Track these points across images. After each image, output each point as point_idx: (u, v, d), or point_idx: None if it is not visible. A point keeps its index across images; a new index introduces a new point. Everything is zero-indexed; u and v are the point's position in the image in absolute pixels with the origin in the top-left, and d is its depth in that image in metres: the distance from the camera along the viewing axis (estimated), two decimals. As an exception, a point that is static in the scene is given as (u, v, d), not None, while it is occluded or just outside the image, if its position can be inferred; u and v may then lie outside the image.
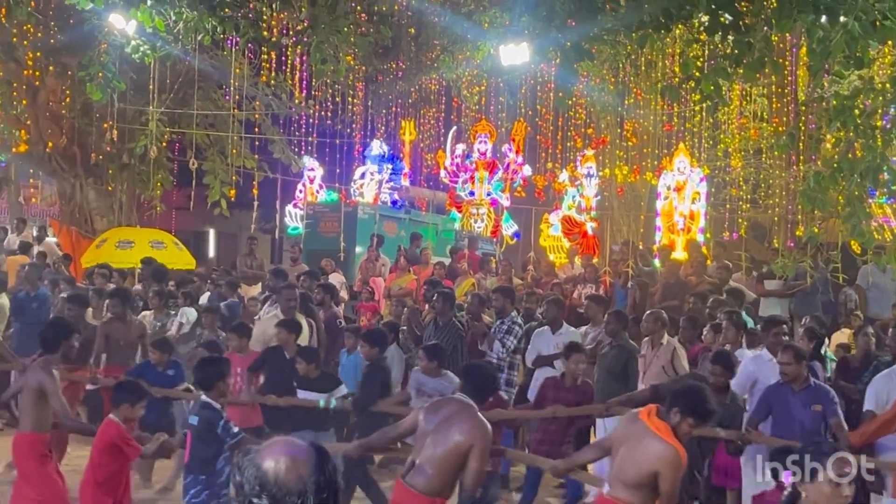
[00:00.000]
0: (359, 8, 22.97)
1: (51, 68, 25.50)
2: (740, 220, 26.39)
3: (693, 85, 13.67)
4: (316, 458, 3.46)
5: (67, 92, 25.88)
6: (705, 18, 13.94)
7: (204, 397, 9.43)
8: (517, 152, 28.82)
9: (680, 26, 16.29)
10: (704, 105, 18.74)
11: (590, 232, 26.59)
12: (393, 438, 9.36)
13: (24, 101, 26.26)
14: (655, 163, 27.84)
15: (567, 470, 9.18)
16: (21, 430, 9.89)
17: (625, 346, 13.61)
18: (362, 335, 13.30)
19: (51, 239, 27.50)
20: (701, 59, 17.18)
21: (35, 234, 26.61)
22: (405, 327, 16.39)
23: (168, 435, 10.11)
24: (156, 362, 13.09)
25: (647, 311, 14.52)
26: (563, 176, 28.45)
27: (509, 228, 28.92)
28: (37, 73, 25.55)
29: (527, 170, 28.98)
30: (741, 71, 12.98)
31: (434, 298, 15.59)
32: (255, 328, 14.63)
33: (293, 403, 12.15)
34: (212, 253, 40.67)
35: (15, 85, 25.99)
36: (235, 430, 9.31)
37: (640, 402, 9.40)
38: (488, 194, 28.83)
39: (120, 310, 14.84)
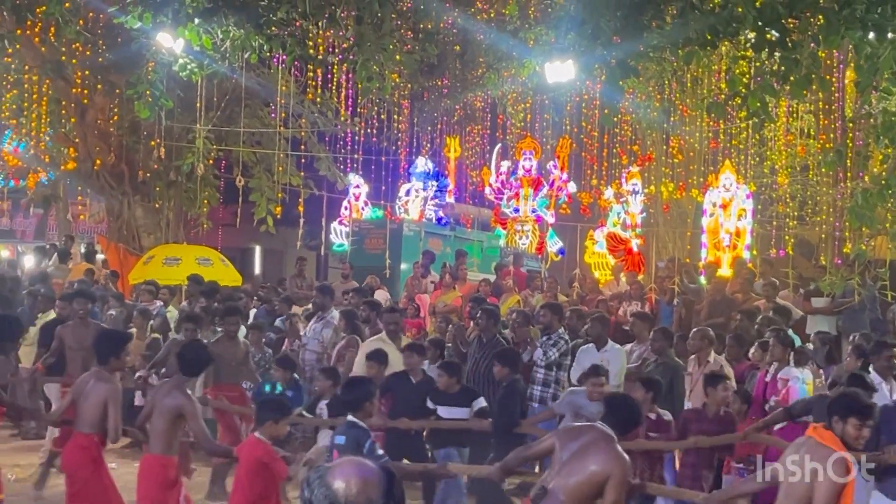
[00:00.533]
0: (404, 26, 23.08)
1: (99, 86, 25.68)
2: (787, 238, 26.26)
3: (739, 102, 13.63)
4: (386, 481, 3.47)
5: (115, 110, 26.06)
6: (752, 35, 13.91)
7: (351, 417, 9.23)
8: (562, 169, 28.79)
9: (726, 43, 16.25)
10: (751, 122, 18.68)
11: (635, 249, 26.51)
12: (526, 459, 9.30)
13: (73, 119, 26.47)
14: (701, 179, 27.73)
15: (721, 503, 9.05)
16: (151, 452, 9.78)
17: (670, 363, 13.55)
18: (496, 355, 13.16)
19: (98, 256, 27.72)
20: (747, 76, 17.11)
21: (83, 251, 26.81)
22: (450, 344, 16.38)
23: None
24: (278, 381, 13.02)
25: (694, 329, 14.47)
26: (609, 193, 28.38)
27: (554, 245, 28.87)
28: (85, 91, 25.73)
29: (572, 186, 28.94)
30: (788, 88, 12.95)
31: (478, 315, 15.59)
32: (360, 350, 14.54)
33: (430, 426, 12.08)
34: (257, 270, 40.79)
35: (64, 103, 26.20)
36: (380, 451, 9.12)
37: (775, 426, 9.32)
38: (533, 211, 28.80)
39: (234, 329, 14.68)
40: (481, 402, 12.10)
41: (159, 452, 9.68)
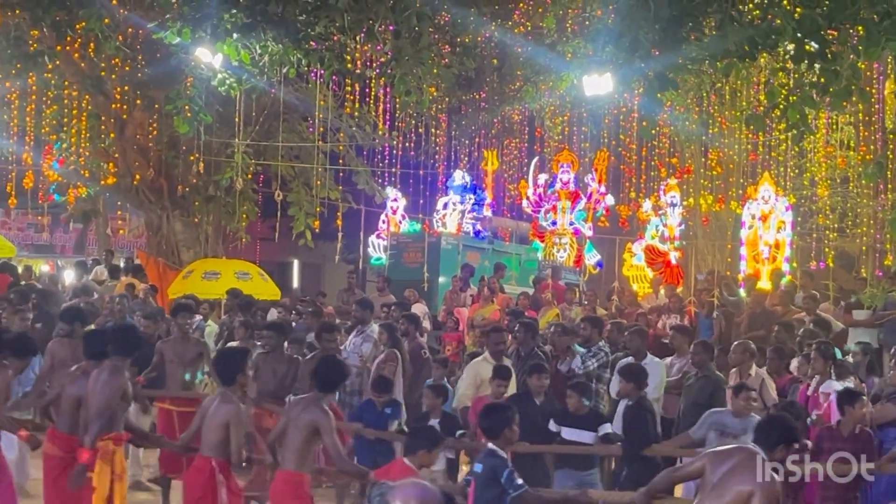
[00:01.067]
0: (442, 40, 23.10)
1: (138, 101, 25.81)
2: (827, 250, 26.08)
3: (779, 113, 13.59)
4: None
5: (154, 125, 26.17)
6: (791, 47, 13.85)
7: (491, 445, 8.90)
8: (600, 182, 28.79)
9: (765, 55, 16.20)
10: (790, 133, 18.56)
11: (673, 261, 26.43)
12: (676, 481, 9.19)
13: (112, 134, 26.62)
14: (740, 192, 27.60)
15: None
16: (284, 469, 9.63)
17: (711, 377, 13.45)
18: (619, 370, 12.72)
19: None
20: (787, 88, 17.00)
21: (122, 265, 26.95)
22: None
23: None
24: (375, 400, 12.88)
25: (735, 342, 14.37)
26: (647, 205, 28.32)
27: (592, 258, 28.85)
28: (124, 107, 25.86)
29: (609, 199, 28.92)
30: (828, 99, 12.89)
31: (517, 329, 15.55)
32: (466, 371, 14.50)
33: (551, 451, 11.76)
34: (296, 284, 40.91)
35: (103, 118, 26.35)
36: (519, 482, 8.75)
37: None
38: (571, 224, 28.79)
39: (276, 342, 14.37)
40: (607, 428, 11.69)
41: (293, 468, 9.54)
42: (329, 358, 11.66)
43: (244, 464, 10.31)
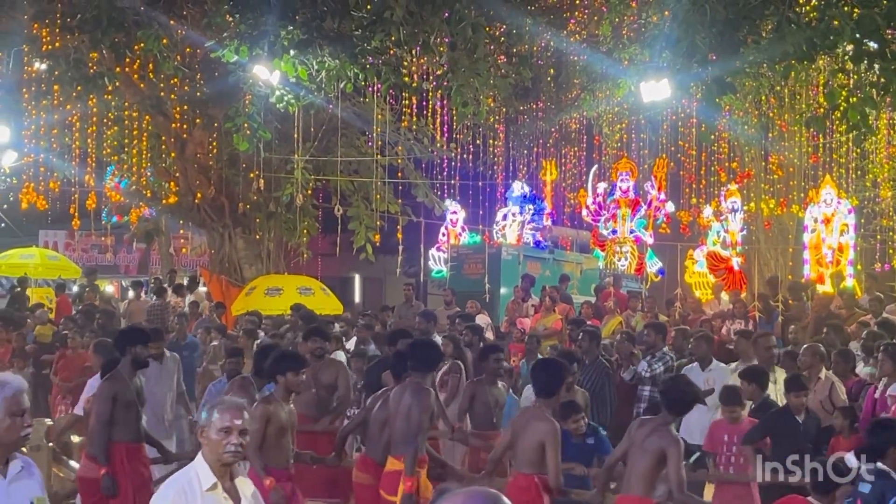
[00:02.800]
0: (498, 50, 23.09)
1: (198, 120, 25.99)
2: (891, 252, 25.83)
3: (839, 115, 13.48)
4: None
5: (214, 143, 26.34)
6: (850, 47, 13.75)
7: (880, 465, 8.40)
8: (659, 189, 28.67)
9: (824, 56, 16.09)
10: (851, 135, 18.41)
11: (736, 267, 26.26)
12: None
13: (173, 154, 26.83)
14: (802, 195, 27.40)
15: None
16: (629, 494, 9.19)
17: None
18: (742, 374, 12.53)
19: (201, 288, 28.06)
20: (846, 89, 16.87)
21: (186, 283, 27.17)
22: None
23: None
24: (572, 430, 11.82)
25: (804, 346, 14.24)
26: (708, 211, 28.16)
27: (653, 266, 28.73)
28: (184, 126, 26.04)
29: (669, 206, 28.79)
30: (888, 99, 12.77)
31: (580, 337, 15.53)
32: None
33: None
34: (357, 298, 41.04)
35: (163, 138, 26.57)
36: None
37: None
38: (631, 232, 28.69)
39: (496, 366, 13.50)
40: None
41: (641, 494, 9.05)
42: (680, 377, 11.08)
43: None
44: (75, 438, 13.59)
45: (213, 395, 12.42)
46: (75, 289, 28.88)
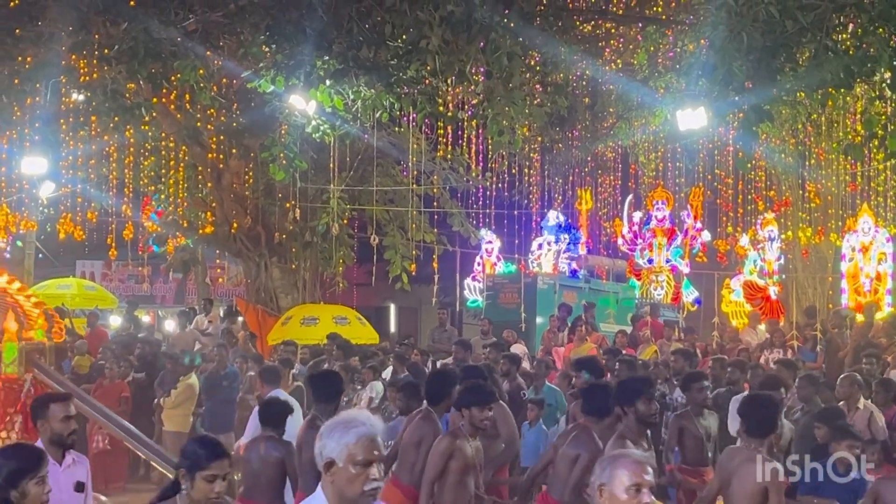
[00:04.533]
0: (534, 79, 23.08)
1: (234, 151, 26.07)
2: (930, 281, 25.60)
3: (877, 143, 13.40)
4: None
5: (250, 173, 26.42)
6: (888, 75, 13.69)
7: None
8: (695, 218, 28.57)
9: (862, 83, 16.00)
10: (889, 163, 18.33)
11: (773, 296, 26.10)
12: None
13: (210, 184, 26.92)
14: (840, 223, 27.22)
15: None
16: None
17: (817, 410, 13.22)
18: (816, 416, 11.87)
19: (240, 318, 28.12)
20: (884, 116, 16.77)
21: (222, 313, 27.22)
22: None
23: None
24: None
25: (842, 375, 14.11)
26: (745, 240, 28.04)
27: (690, 295, 28.60)
28: (221, 156, 26.12)
29: (706, 235, 28.67)
30: (928, 126, 12.68)
31: (617, 367, 15.45)
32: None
33: None
34: (393, 327, 41.00)
35: (200, 168, 26.66)
36: None
37: None
38: (667, 261, 28.59)
39: (700, 395, 12.93)
40: None
41: None
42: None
43: None
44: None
45: (391, 431, 11.95)
46: (116, 319, 29.00)
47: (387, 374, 18.25)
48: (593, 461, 8.59)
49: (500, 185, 29.95)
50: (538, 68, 23.27)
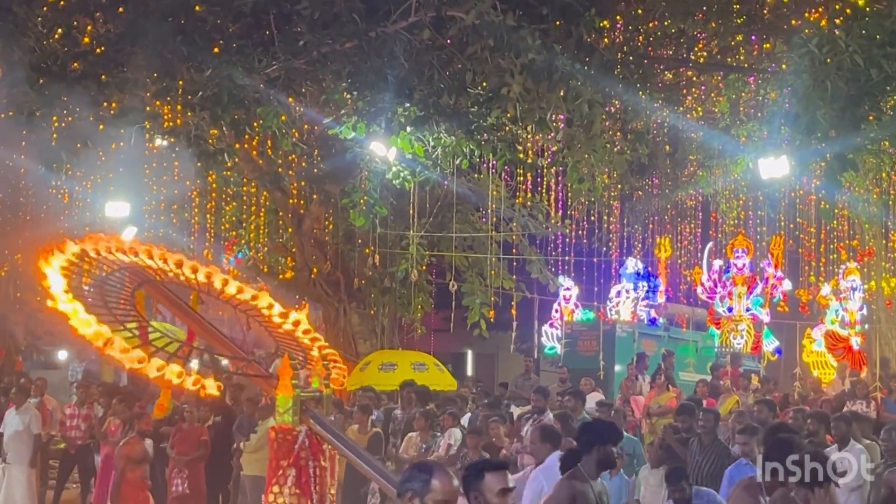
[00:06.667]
0: (614, 127, 23.06)
1: (315, 196, 26.26)
2: None
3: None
4: None
5: (331, 219, 26.59)
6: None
7: None
8: (776, 267, 28.28)
9: (947, 132, 15.83)
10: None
11: (855, 346, 25.77)
12: None
13: (290, 229, 27.12)
14: (923, 273, 26.89)
15: None
16: None
17: (903, 464, 12.96)
18: None
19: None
20: (970, 165, 16.60)
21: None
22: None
23: None
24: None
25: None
26: (826, 289, 27.73)
27: (770, 344, 28.28)
28: (301, 202, 26.31)
29: (787, 284, 28.38)
30: None
31: (701, 417, 15.30)
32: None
33: None
34: (470, 373, 40.94)
35: (281, 213, 26.88)
36: None
37: None
38: (747, 310, 28.31)
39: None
40: None
41: None
42: None
43: None
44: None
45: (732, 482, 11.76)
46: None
47: (464, 420, 18.21)
48: None
49: (579, 232, 29.90)
50: (619, 116, 23.26)
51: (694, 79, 25.86)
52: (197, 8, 19.77)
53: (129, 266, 8.45)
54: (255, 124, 21.43)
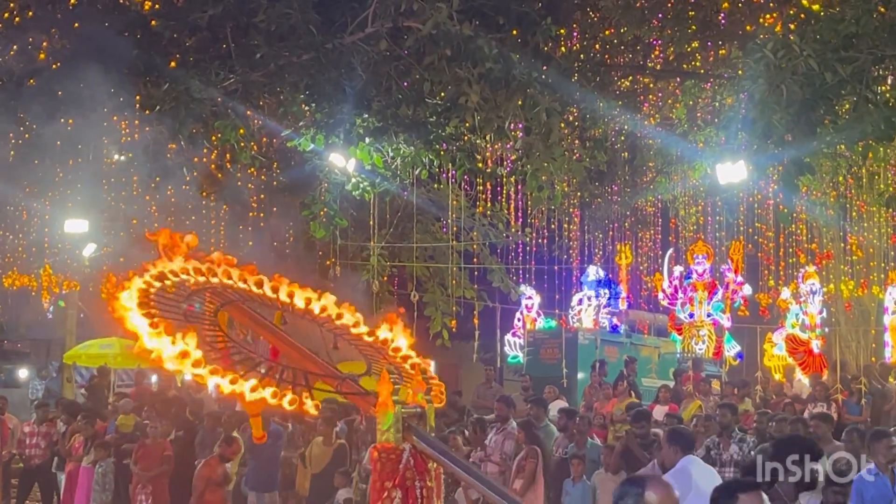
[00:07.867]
0: (573, 135, 23.13)
1: (274, 209, 26.18)
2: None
3: (920, 194, 13.33)
4: None
5: (291, 231, 26.52)
6: (930, 125, 13.63)
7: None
8: (736, 272, 28.40)
9: (903, 135, 15.93)
10: (932, 214, 18.28)
11: (816, 350, 25.91)
12: None
13: (250, 243, 27.02)
14: (882, 276, 27.05)
15: None
16: None
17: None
18: None
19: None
20: (926, 168, 16.76)
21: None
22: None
23: None
24: None
25: (892, 429, 13.95)
26: (786, 293, 27.87)
27: (732, 349, 28.39)
28: (261, 214, 26.25)
29: (747, 289, 28.49)
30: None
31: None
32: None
33: None
34: (433, 384, 40.90)
35: (241, 227, 26.79)
36: None
37: None
38: (708, 315, 28.40)
39: None
40: None
41: None
42: None
43: None
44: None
45: None
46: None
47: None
48: None
49: (539, 240, 29.97)
50: (577, 124, 23.34)
51: (651, 85, 26.00)
52: (153, 23, 19.73)
53: (210, 287, 8.25)
54: (214, 138, 21.38)
